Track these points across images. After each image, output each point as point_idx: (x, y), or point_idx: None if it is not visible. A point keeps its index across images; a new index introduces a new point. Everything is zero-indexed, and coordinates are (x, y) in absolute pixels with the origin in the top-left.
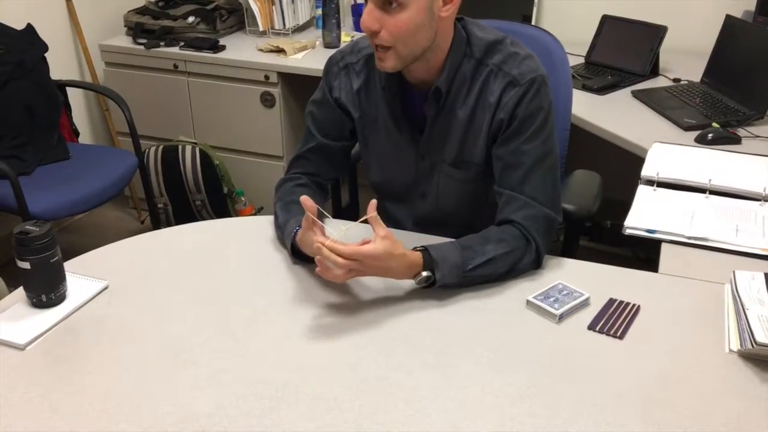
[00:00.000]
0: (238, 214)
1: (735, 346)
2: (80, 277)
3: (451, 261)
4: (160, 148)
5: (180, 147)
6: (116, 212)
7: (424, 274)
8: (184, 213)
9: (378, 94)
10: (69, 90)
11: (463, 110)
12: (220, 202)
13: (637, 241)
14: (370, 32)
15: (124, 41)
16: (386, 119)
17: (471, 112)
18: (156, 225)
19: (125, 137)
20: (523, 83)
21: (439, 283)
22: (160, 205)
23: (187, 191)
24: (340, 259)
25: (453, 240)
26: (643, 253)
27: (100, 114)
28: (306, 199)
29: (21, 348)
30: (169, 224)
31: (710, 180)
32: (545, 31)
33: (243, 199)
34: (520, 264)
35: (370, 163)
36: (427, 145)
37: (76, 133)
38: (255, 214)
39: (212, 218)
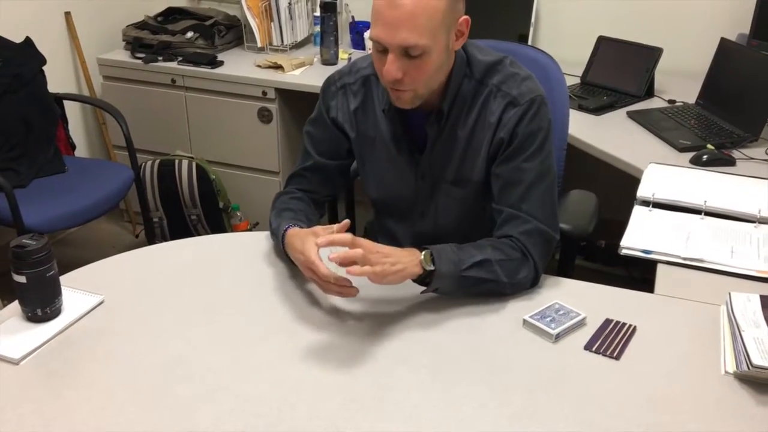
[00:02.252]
0: (233, 229)
1: (731, 368)
2: (76, 291)
3: (448, 256)
4: (157, 162)
5: (176, 161)
6: (111, 226)
7: (423, 254)
8: (179, 227)
9: (376, 113)
10: (65, 103)
11: (463, 130)
12: (216, 217)
13: (631, 260)
14: (395, 81)
15: (123, 55)
16: (386, 139)
17: (471, 131)
18: (151, 239)
19: (121, 151)
20: (523, 103)
21: (437, 277)
22: (155, 220)
23: (182, 206)
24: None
25: (449, 243)
26: (638, 273)
27: (96, 127)
28: (346, 223)
29: (15, 363)
30: (164, 239)
31: (705, 201)
32: (543, 51)
33: (239, 214)
34: (518, 276)
35: (368, 181)
36: (427, 164)
37: (73, 147)
38: (250, 230)
39: (207, 233)
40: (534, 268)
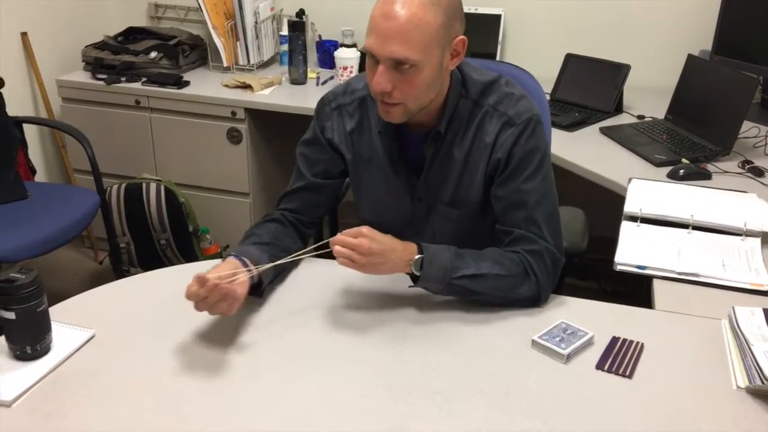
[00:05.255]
0: (203, 253)
1: (742, 383)
2: (64, 325)
3: (440, 262)
4: (123, 185)
5: (144, 184)
6: (71, 252)
7: (417, 256)
8: (147, 253)
9: (372, 135)
10: (24, 126)
11: (460, 150)
12: (186, 241)
13: (602, 274)
14: (383, 93)
15: (83, 76)
16: (382, 161)
17: (467, 152)
18: (118, 266)
19: (81, 175)
20: (519, 123)
21: (423, 279)
22: (122, 245)
23: (151, 230)
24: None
25: (450, 246)
26: (609, 287)
27: (55, 151)
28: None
29: (7, 405)
30: (131, 265)
31: (692, 215)
32: (523, 69)
33: (208, 237)
34: (516, 292)
35: (362, 202)
36: (424, 185)
37: (33, 171)
38: (221, 253)
39: (177, 257)
40: (537, 287)
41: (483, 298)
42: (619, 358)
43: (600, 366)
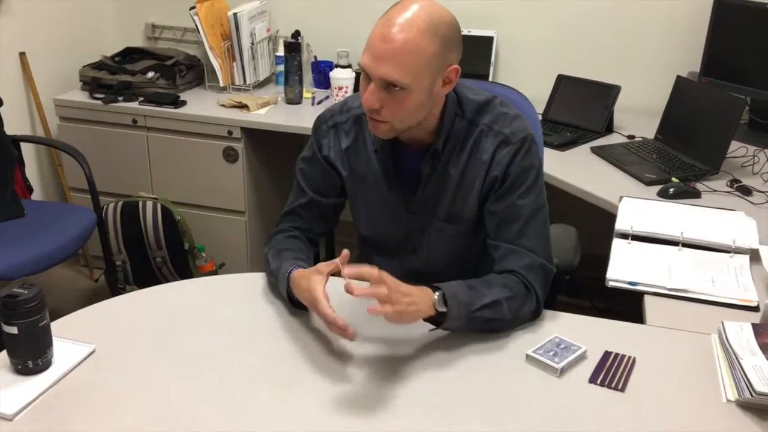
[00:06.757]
0: (198, 270)
1: (732, 395)
2: (65, 341)
3: (460, 298)
4: (120, 203)
5: (140, 203)
6: (66, 270)
7: (437, 295)
8: (143, 271)
9: (368, 152)
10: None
11: (455, 168)
12: (181, 259)
13: (595, 292)
14: (371, 110)
15: (80, 96)
16: (378, 177)
17: (463, 169)
18: (113, 283)
19: (78, 193)
20: (515, 141)
21: (449, 320)
22: (118, 263)
23: (147, 248)
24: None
25: (458, 281)
26: (602, 304)
27: (52, 169)
28: (346, 254)
29: (9, 419)
30: (127, 282)
31: (682, 233)
32: (514, 89)
33: (204, 255)
34: (521, 312)
35: (359, 218)
36: (420, 202)
37: (30, 190)
38: (216, 271)
39: (173, 275)
40: (536, 301)
41: (497, 325)
42: (612, 371)
43: (593, 380)
